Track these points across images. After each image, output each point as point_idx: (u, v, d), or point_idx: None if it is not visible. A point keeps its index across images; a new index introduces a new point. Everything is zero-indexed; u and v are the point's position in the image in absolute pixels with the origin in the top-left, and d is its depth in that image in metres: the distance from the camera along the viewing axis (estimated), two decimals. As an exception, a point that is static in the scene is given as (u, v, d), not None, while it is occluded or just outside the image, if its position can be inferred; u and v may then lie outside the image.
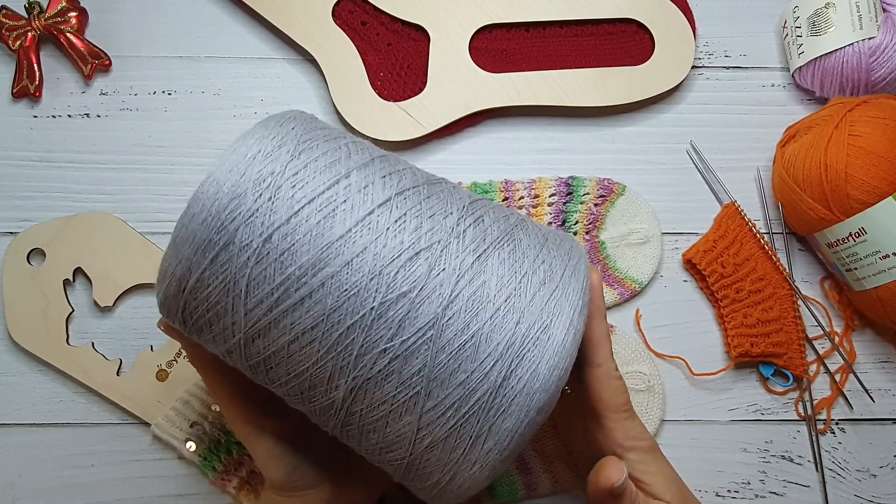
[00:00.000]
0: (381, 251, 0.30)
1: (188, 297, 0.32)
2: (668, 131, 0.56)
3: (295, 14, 0.54)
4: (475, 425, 0.31)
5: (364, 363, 0.31)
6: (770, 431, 0.53)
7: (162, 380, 0.50)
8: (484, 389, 0.30)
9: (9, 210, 0.53)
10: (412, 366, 0.30)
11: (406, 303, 0.30)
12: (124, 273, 0.51)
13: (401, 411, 0.31)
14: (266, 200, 0.30)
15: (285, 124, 0.33)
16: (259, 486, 0.49)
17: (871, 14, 0.51)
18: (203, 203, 0.30)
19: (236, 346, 0.32)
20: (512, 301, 0.31)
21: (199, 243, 0.30)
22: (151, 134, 0.54)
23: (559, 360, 0.31)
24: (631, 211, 0.54)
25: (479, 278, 0.31)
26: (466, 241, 0.32)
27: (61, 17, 0.53)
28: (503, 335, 0.30)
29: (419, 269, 0.30)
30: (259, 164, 0.31)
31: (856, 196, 0.47)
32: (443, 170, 0.54)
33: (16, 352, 0.51)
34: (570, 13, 0.55)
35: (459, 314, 0.30)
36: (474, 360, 0.30)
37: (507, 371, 0.30)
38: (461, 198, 0.34)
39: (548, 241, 0.34)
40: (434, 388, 0.30)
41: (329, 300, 0.30)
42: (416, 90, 0.54)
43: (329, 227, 0.30)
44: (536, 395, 0.30)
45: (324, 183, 0.31)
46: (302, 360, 0.31)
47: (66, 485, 0.50)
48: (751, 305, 0.52)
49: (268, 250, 0.30)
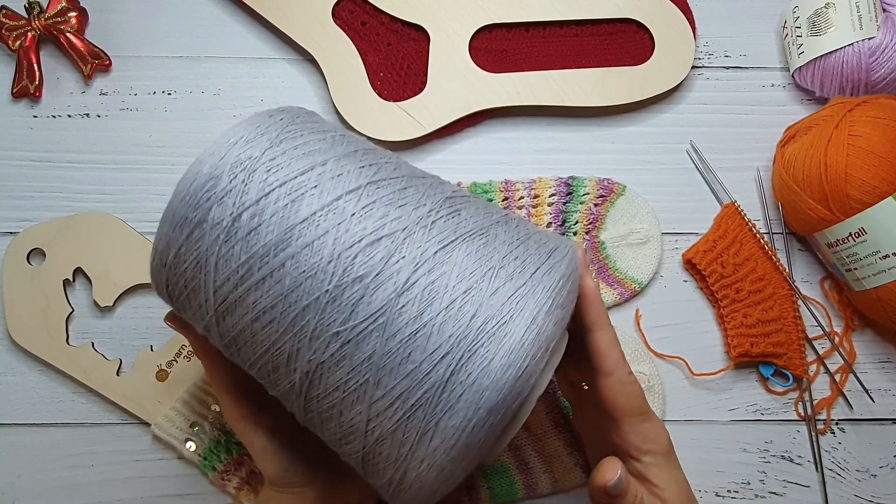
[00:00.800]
0: (343, 235, 0.30)
1: (169, 272, 0.33)
2: (668, 131, 0.56)
3: (295, 14, 0.54)
4: (422, 420, 0.30)
5: (318, 346, 0.31)
6: (770, 431, 0.53)
7: (162, 380, 0.50)
8: (432, 382, 0.29)
9: (9, 210, 0.53)
10: (363, 352, 0.30)
11: (360, 287, 0.30)
12: (124, 273, 0.51)
13: (352, 399, 0.31)
14: (240, 182, 0.31)
15: (274, 115, 0.34)
16: (259, 485, 0.49)
17: (871, 14, 0.51)
18: (185, 183, 0.32)
19: (211, 324, 0.33)
20: (471, 293, 0.30)
21: (178, 220, 0.32)
22: (151, 134, 0.54)
23: (515, 359, 0.29)
24: (631, 211, 0.54)
25: (440, 268, 0.30)
26: (433, 232, 0.31)
27: (61, 17, 0.53)
28: (456, 327, 0.29)
29: (378, 254, 0.30)
30: (238, 149, 0.32)
31: (856, 196, 0.47)
32: (443, 170, 0.55)
33: (16, 352, 0.51)
34: (570, 13, 0.55)
35: (413, 302, 0.30)
36: (424, 350, 0.29)
37: (456, 365, 0.29)
38: (443, 192, 0.34)
39: (530, 239, 0.34)
40: (383, 377, 0.30)
41: (288, 280, 0.31)
42: (416, 90, 0.54)
43: (295, 210, 0.31)
44: (486, 394, 0.29)
45: (298, 169, 0.32)
46: (265, 340, 0.32)
47: (66, 485, 0.50)
48: (751, 305, 0.52)
49: (236, 229, 0.31)
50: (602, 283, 0.53)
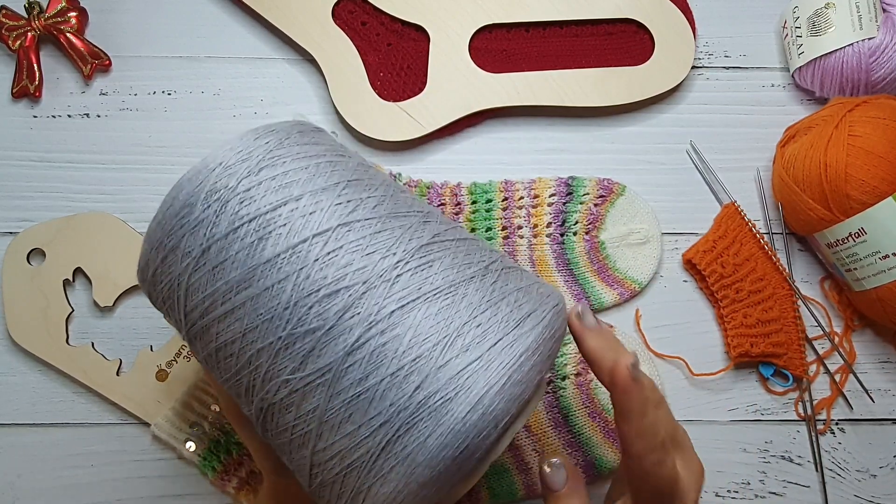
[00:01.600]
0: (303, 282, 0.30)
1: (149, 286, 0.34)
2: (668, 131, 0.56)
3: (295, 14, 0.54)
4: (356, 480, 0.29)
5: (269, 388, 0.31)
6: (770, 431, 0.53)
7: (162, 380, 0.50)
8: (367, 447, 0.29)
9: (9, 210, 0.53)
10: (309, 403, 0.30)
11: (312, 340, 0.30)
12: (124, 273, 0.51)
13: (298, 443, 0.31)
14: (212, 213, 0.31)
15: (261, 137, 0.33)
16: (259, 485, 0.49)
17: (871, 14, 0.51)
18: (164, 206, 0.32)
19: (186, 339, 0.34)
20: (419, 363, 0.29)
21: (154, 243, 0.32)
22: (151, 134, 0.54)
23: (453, 439, 0.28)
24: (631, 211, 0.54)
25: (394, 330, 0.29)
26: (396, 288, 0.30)
27: (61, 17, 0.53)
28: (398, 396, 0.29)
29: (333, 307, 0.29)
30: (216, 177, 0.31)
31: (856, 196, 0.47)
32: (443, 170, 0.55)
33: (16, 352, 0.51)
34: (570, 13, 0.55)
35: (360, 364, 0.29)
36: (364, 414, 0.29)
37: (392, 435, 0.29)
38: (420, 239, 0.32)
39: (503, 300, 0.31)
40: (325, 432, 0.30)
41: (247, 320, 0.30)
42: (416, 90, 0.54)
43: (261, 249, 0.30)
44: (418, 469, 0.28)
45: (270, 203, 0.31)
46: (226, 369, 0.32)
47: (66, 485, 0.50)
48: (751, 305, 0.52)
49: (205, 261, 0.31)
50: (602, 283, 0.53)
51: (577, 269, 0.53)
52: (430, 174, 0.54)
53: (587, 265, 0.53)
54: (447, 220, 0.35)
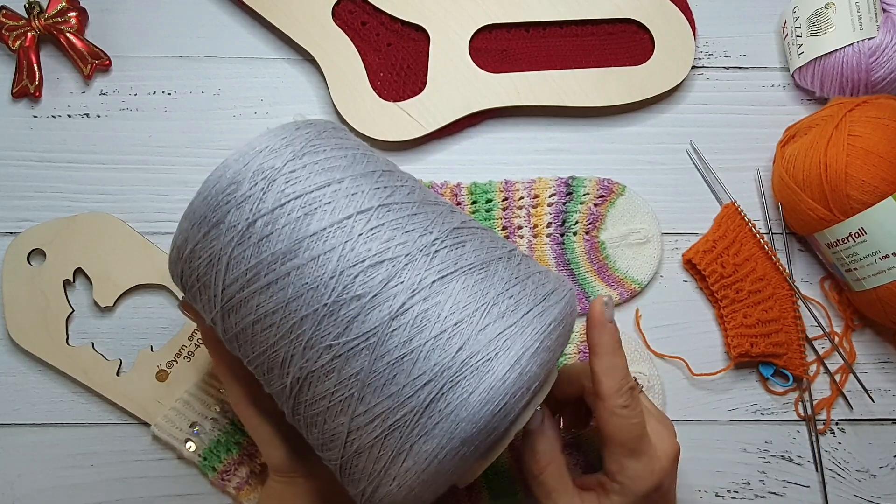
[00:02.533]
0: (348, 254, 0.32)
1: (184, 265, 0.35)
2: (668, 131, 0.56)
3: (295, 14, 0.54)
4: (398, 440, 0.31)
5: (310, 355, 0.32)
6: (770, 431, 0.53)
7: (162, 380, 0.50)
8: (411, 406, 0.31)
9: (9, 210, 0.53)
10: (352, 367, 0.31)
11: (357, 306, 0.31)
12: (124, 273, 0.51)
13: (336, 410, 0.32)
14: (259, 190, 0.33)
15: (301, 128, 0.35)
16: (259, 485, 0.49)
17: (871, 14, 0.51)
18: (209, 184, 0.33)
19: (217, 318, 0.35)
20: (461, 327, 0.31)
21: (197, 218, 0.33)
22: (151, 134, 0.54)
23: (494, 395, 0.30)
24: (631, 211, 0.54)
25: (435, 298, 0.31)
26: (435, 261, 0.32)
27: (61, 17, 0.53)
28: (442, 357, 0.31)
29: (378, 276, 0.31)
30: (262, 158, 0.33)
31: (856, 196, 0.47)
32: (443, 170, 0.55)
33: (16, 352, 0.51)
34: (570, 13, 0.55)
35: (405, 327, 0.31)
36: (409, 374, 0.31)
37: (437, 393, 0.30)
38: (450, 221, 0.35)
39: (528, 279, 0.34)
40: (367, 394, 0.31)
41: (290, 289, 0.32)
42: (416, 90, 0.54)
43: (307, 224, 0.32)
44: (462, 425, 0.30)
45: (315, 183, 0.33)
46: (263, 342, 0.33)
47: (66, 485, 0.50)
48: (751, 305, 0.52)
49: (250, 234, 0.32)
50: (602, 283, 0.53)
51: (577, 269, 0.53)
52: (430, 174, 0.54)
53: (587, 265, 0.53)
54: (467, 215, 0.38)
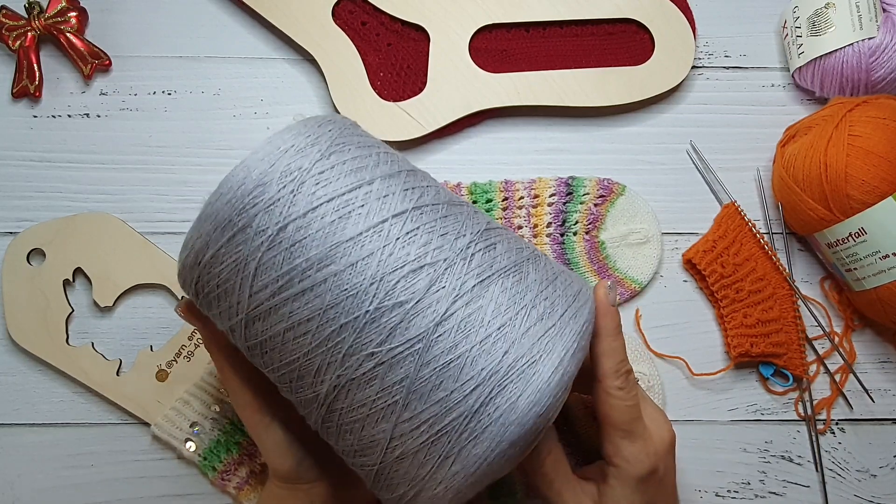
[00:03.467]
0: (387, 259, 0.31)
1: (202, 270, 0.33)
2: (668, 131, 0.56)
3: (295, 14, 0.54)
4: (446, 445, 0.31)
5: (351, 363, 0.31)
6: (770, 431, 0.53)
7: (162, 380, 0.50)
8: (460, 411, 0.30)
9: (9, 210, 0.53)
10: (395, 374, 0.31)
11: (400, 312, 0.31)
12: (124, 273, 0.51)
13: (378, 417, 0.32)
14: (288, 192, 0.31)
15: (323, 125, 0.34)
16: (259, 485, 0.49)
17: (871, 14, 0.51)
18: (231, 185, 0.32)
19: (238, 325, 0.33)
20: (505, 330, 0.31)
21: (220, 222, 0.32)
22: (151, 134, 0.54)
23: (540, 398, 0.31)
24: (631, 211, 0.54)
25: (477, 302, 0.31)
26: (472, 265, 0.32)
27: (61, 17, 0.53)
28: (489, 362, 0.31)
29: (420, 282, 0.31)
30: (289, 158, 0.32)
31: (856, 196, 0.47)
32: (443, 170, 0.55)
33: (16, 352, 0.51)
34: (570, 13, 0.55)
35: (450, 333, 0.31)
36: (456, 380, 0.30)
37: (485, 398, 0.30)
38: (478, 223, 0.35)
39: (557, 279, 0.35)
40: (413, 401, 0.31)
41: (328, 296, 0.31)
42: (416, 90, 0.54)
43: (342, 228, 0.31)
44: (511, 428, 0.30)
45: (346, 185, 0.32)
46: (294, 350, 0.32)
47: (66, 485, 0.50)
48: (751, 305, 0.52)
49: (281, 239, 0.31)
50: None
51: (577, 269, 0.53)
52: (431, 174, 0.54)
53: (587, 265, 0.53)
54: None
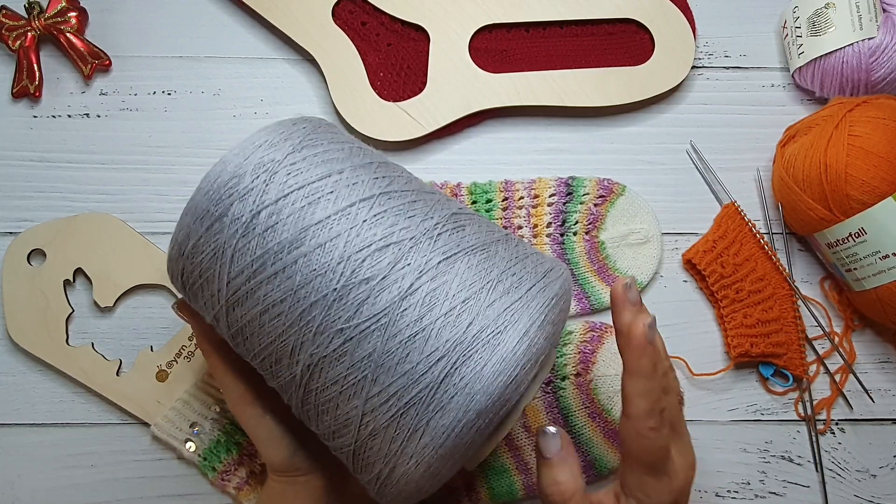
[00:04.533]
0: (354, 239, 0.32)
1: (185, 261, 0.35)
2: (668, 131, 0.56)
3: (295, 14, 0.54)
4: (414, 417, 0.31)
5: (321, 341, 0.32)
6: (770, 431, 0.53)
7: (162, 380, 0.50)
8: (426, 382, 0.31)
9: (9, 210, 0.53)
10: (364, 349, 0.32)
11: (366, 288, 0.32)
12: (124, 273, 0.51)
13: (350, 394, 0.32)
14: (261, 182, 0.33)
15: (298, 123, 0.36)
16: (259, 486, 0.49)
17: (871, 14, 0.51)
18: (210, 178, 0.34)
19: (221, 314, 0.35)
20: (469, 303, 0.32)
21: (199, 213, 0.34)
22: (151, 134, 0.54)
23: (506, 367, 0.31)
24: (631, 211, 0.54)
25: (442, 277, 0.32)
26: (439, 243, 0.33)
27: (61, 17, 0.53)
28: (453, 333, 0.31)
29: (385, 259, 0.32)
30: (263, 151, 0.34)
31: (856, 196, 0.47)
32: (443, 170, 0.55)
33: (16, 352, 0.51)
34: (570, 13, 0.55)
35: (415, 307, 0.32)
36: (422, 352, 0.31)
37: (450, 368, 0.31)
38: (449, 208, 0.36)
39: (527, 258, 0.35)
40: (380, 375, 0.32)
41: (299, 276, 0.32)
42: (416, 90, 0.54)
43: (311, 212, 0.33)
44: (476, 397, 0.31)
45: (316, 174, 0.34)
46: (271, 332, 0.34)
47: (66, 485, 0.50)
48: (751, 305, 0.52)
49: (254, 225, 0.33)
50: (602, 283, 0.53)
51: (577, 270, 0.53)
52: (430, 174, 0.54)
53: (587, 265, 0.53)
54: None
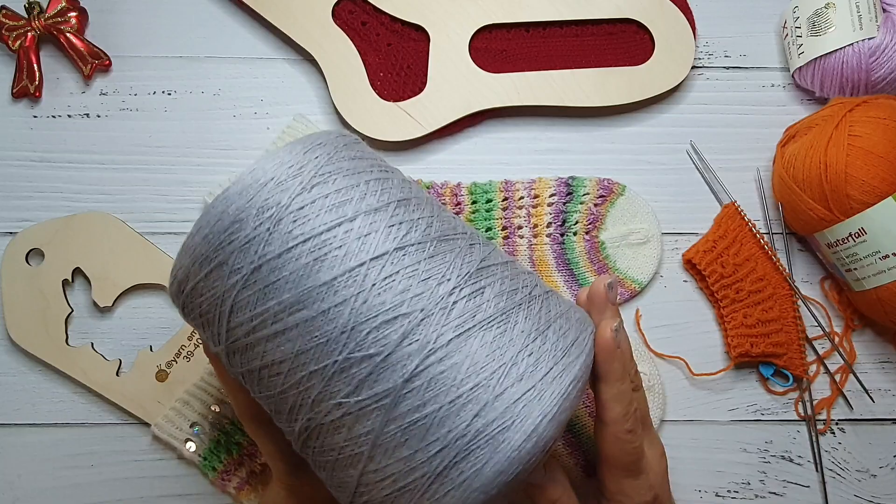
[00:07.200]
0: (360, 307, 0.30)
1: (185, 299, 0.33)
2: (668, 131, 0.56)
3: (295, 14, 0.54)
4: (409, 501, 0.30)
5: (320, 409, 0.31)
6: (770, 431, 0.53)
7: (162, 380, 0.50)
8: (423, 472, 0.29)
9: (8, 210, 0.53)
10: (362, 426, 0.30)
11: (370, 365, 0.30)
12: (124, 273, 0.51)
13: (346, 463, 0.31)
14: (264, 231, 0.31)
15: (311, 151, 0.33)
16: (259, 486, 0.49)
17: (871, 14, 0.51)
18: (209, 219, 0.31)
19: (222, 353, 0.33)
20: (478, 392, 0.29)
21: (198, 257, 0.32)
22: (151, 134, 0.54)
23: (509, 466, 0.29)
24: (631, 211, 0.54)
25: (452, 358, 0.30)
26: (452, 315, 0.30)
27: (61, 17, 0.53)
28: (457, 424, 0.29)
29: (392, 334, 0.30)
30: (267, 192, 0.31)
31: (856, 196, 0.47)
32: (443, 170, 0.55)
33: (15, 352, 0.51)
34: (570, 13, 0.55)
35: (419, 391, 0.29)
36: (422, 440, 0.29)
37: (449, 461, 0.29)
38: (469, 262, 0.32)
39: (549, 328, 0.32)
40: (377, 455, 0.30)
41: (299, 342, 0.30)
42: (416, 90, 0.54)
43: (316, 271, 0.30)
44: (473, 495, 0.29)
45: (325, 223, 0.31)
46: (270, 386, 0.32)
47: (66, 485, 0.50)
48: (751, 305, 0.52)
49: (255, 279, 0.31)
50: (602, 283, 0.53)
51: (577, 270, 0.53)
52: (430, 174, 0.54)
53: (587, 265, 0.53)
54: (487, 241, 0.36)
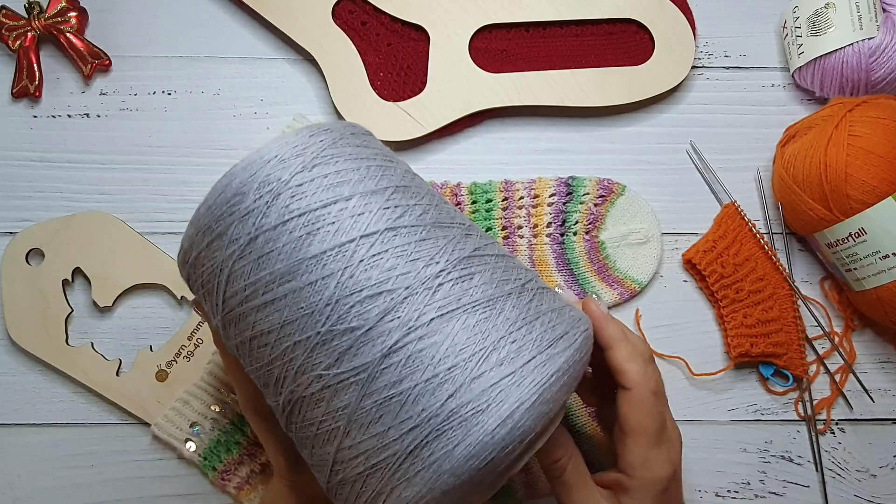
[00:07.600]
0: (346, 281, 0.30)
1: (190, 269, 0.35)
2: (668, 131, 0.56)
3: (295, 14, 0.54)
4: (379, 481, 0.30)
5: (301, 381, 0.31)
6: (770, 431, 0.53)
7: (162, 380, 0.50)
8: (395, 450, 0.29)
9: (8, 210, 0.53)
10: (340, 400, 0.30)
11: (350, 338, 0.30)
12: (123, 273, 0.51)
13: (323, 439, 0.31)
14: (263, 204, 0.31)
15: (316, 135, 0.34)
16: (259, 485, 0.49)
17: (871, 14, 0.51)
18: (214, 191, 0.33)
19: (219, 325, 0.34)
20: (454, 372, 0.29)
21: (201, 227, 0.33)
22: (151, 134, 0.54)
23: (480, 450, 0.29)
24: (631, 211, 0.54)
25: (431, 338, 0.30)
26: (437, 296, 0.30)
27: (61, 17, 0.53)
28: (430, 403, 0.29)
29: (374, 309, 0.30)
30: (270, 168, 0.32)
31: (856, 196, 0.47)
32: (443, 170, 0.55)
33: (16, 352, 0.51)
34: (570, 13, 0.55)
35: (396, 367, 0.29)
36: (395, 417, 0.29)
37: (421, 440, 0.29)
38: (462, 250, 0.33)
39: (537, 320, 0.32)
40: (353, 430, 0.30)
41: (286, 312, 0.31)
42: (416, 90, 0.54)
43: (308, 244, 0.31)
44: (443, 477, 0.29)
45: (321, 200, 0.31)
46: (259, 358, 0.33)
47: (66, 485, 0.50)
48: (751, 305, 0.52)
49: (251, 250, 0.32)
50: (602, 283, 0.53)
51: (577, 269, 0.53)
52: (430, 174, 0.54)
53: (587, 265, 0.53)
54: (486, 235, 0.36)
